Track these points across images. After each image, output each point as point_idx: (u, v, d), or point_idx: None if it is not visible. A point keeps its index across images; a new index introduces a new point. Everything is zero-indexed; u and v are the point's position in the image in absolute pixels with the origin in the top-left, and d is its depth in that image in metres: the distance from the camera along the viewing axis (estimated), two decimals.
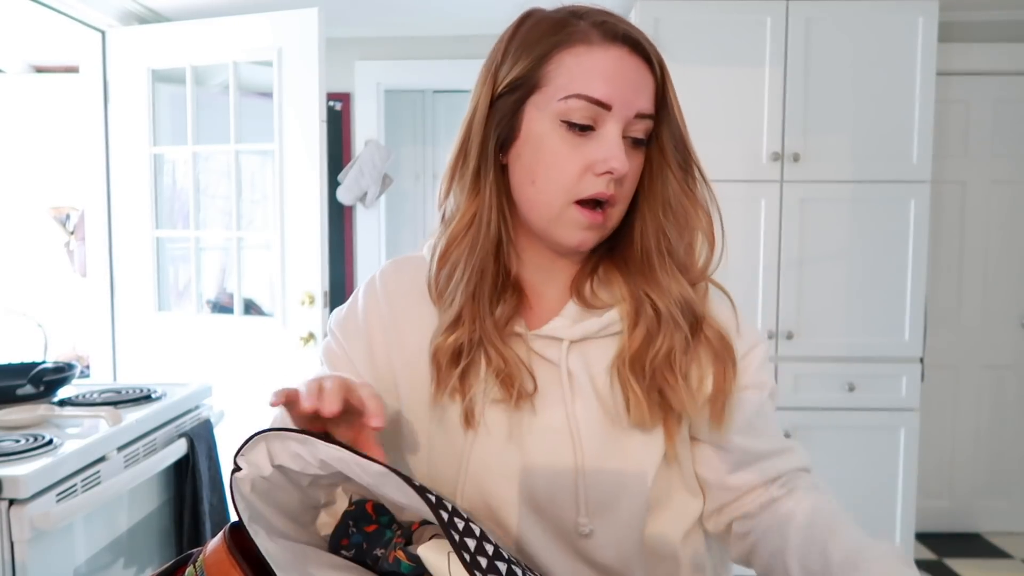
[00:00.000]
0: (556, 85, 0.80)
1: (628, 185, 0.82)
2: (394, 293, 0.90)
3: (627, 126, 0.80)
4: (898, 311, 2.69)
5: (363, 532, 0.73)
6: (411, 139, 4.37)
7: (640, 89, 0.80)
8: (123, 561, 1.69)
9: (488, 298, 0.84)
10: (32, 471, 1.39)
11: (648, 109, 0.81)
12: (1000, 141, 3.19)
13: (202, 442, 1.93)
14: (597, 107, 0.79)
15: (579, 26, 0.81)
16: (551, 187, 0.81)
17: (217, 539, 0.67)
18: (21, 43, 3.59)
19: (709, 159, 0.92)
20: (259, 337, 2.76)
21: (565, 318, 0.85)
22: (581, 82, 0.79)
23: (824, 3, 2.61)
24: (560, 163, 0.80)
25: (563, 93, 0.79)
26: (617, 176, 0.79)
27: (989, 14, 3.09)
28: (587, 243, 0.83)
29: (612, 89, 0.79)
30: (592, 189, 0.80)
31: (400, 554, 0.68)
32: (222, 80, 2.85)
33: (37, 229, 3.81)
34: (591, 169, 0.79)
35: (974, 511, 3.31)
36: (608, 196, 0.80)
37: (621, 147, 0.79)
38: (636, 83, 0.80)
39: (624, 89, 0.79)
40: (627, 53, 0.80)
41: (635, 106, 0.80)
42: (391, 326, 0.88)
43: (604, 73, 0.79)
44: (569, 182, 0.80)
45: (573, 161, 0.79)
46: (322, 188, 2.64)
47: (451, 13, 3.14)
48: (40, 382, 1.84)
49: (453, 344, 0.83)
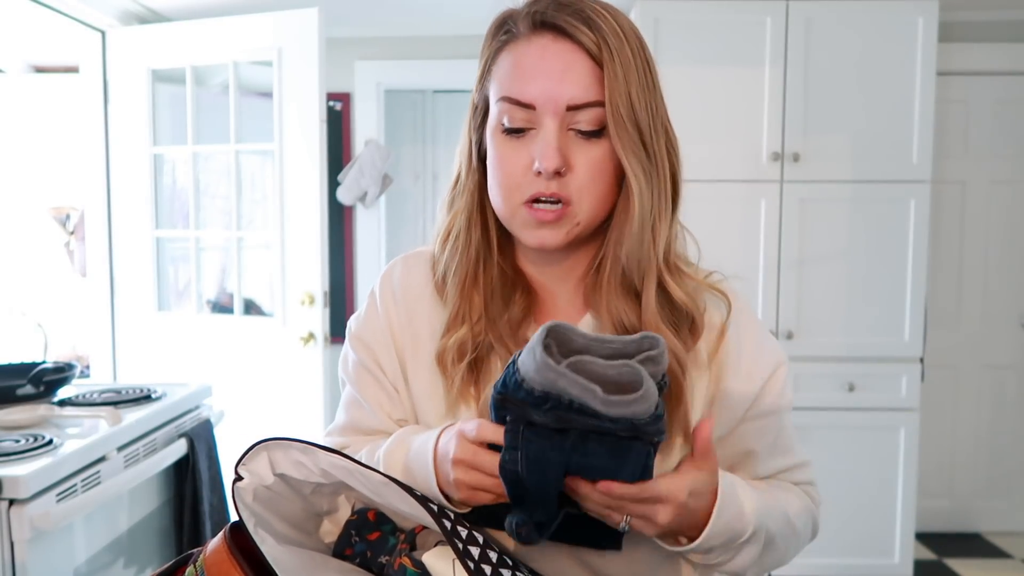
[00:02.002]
0: (495, 88, 0.80)
1: (581, 181, 0.77)
2: (408, 295, 0.89)
3: (566, 119, 0.76)
4: (898, 311, 2.69)
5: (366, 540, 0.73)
6: (411, 139, 4.37)
7: (566, 78, 0.75)
8: (123, 561, 1.69)
9: (499, 297, 0.83)
10: (32, 471, 1.39)
11: (582, 98, 0.75)
12: (1000, 141, 3.19)
13: (202, 442, 1.93)
14: (523, 108, 0.77)
15: (512, 23, 0.79)
16: (502, 191, 0.80)
17: (217, 539, 0.67)
18: (21, 43, 3.59)
19: (709, 159, 0.91)
20: (259, 337, 2.75)
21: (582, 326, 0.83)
22: (507, 84, 0.78)
23: (824, 3, 2.60)
24: (504, 166, 0.79)
25: (496, 95, 0.79)
26: (547, 174, 0.75)
27: (989, 14, 3.09)
28: (548, 242, 0.79)
29: (533, 86, 0.76)
30: (532, 189, 0.77)
31: (406, 560, 0.68)
32: (222, 80, 2.84)
33: (37, 229, 3.81)
34: (530, 169, 0.77)
35: (974, 511, 3.31)
36: (550, 195, 0.76)
37: (552, 143, 0.75)
38: (560, 73, 0.75)
39: (546, 83, 0.75)
40: (551, 40, 0.76)
41: (563, 98, 0.75)
42: (407, 324, 0.88)
43: (523, 70, 0.77)
44: (513, 184, 0.78)
45: (514, 163, 0.78)
46: (322, 188, 2.64)
47: (451, 13, 3.14)
48: (40, 382, 1.84)
49: (456, 343, 0.82)
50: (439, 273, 0.87)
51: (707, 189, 2.61)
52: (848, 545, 2.72)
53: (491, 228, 0.85)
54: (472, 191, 0.84)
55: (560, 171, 0.76)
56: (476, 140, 0.84)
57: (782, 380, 0.86)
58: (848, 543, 2.71)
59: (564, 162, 0.76)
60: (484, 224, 0.85)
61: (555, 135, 0.76)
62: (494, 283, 0.84)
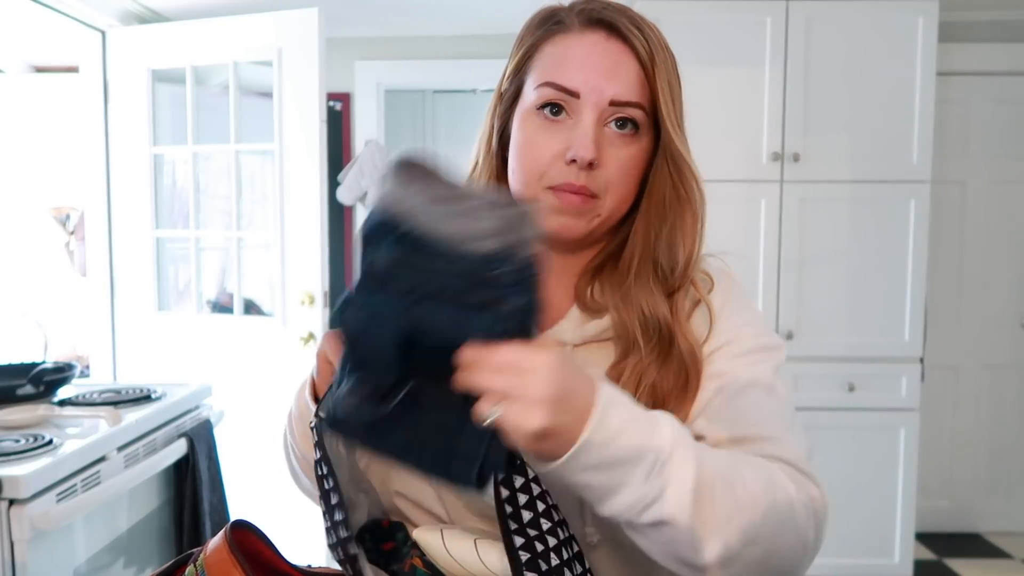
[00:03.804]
0: (535, 75, 0.81)
1: (609, 176, 0.78)
2: None
3: (605, 114, 0.78)
4: (898, 311, 2.69)
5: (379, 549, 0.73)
6: (411, 139, 4.37)
7: (614, 75, 0.77)
8: (123, 561, 1.69)
9: None
10: (32, 471, 1.39)
11: (625, 96, 0.78)
12: (1000, 141, 3.19)
13: (202, 442, 1.93)
14: (566, 95, 0.78)
15: (562, 16, 0.81)
16: (525, 173, 0.80)
17: (218, 538, 0.67)
18: (21, 43, 3.59)
19: (709, 159, 0.90)
20: (259, 337, 2.75)
21: (570, 321, 0.83)
22: (553, 70, 0.79)
23: (824, 3, 2.60)
24: (533, 149, 0.79)
25: (538, 81, 0.80)
26: (582, 164, 0.76)
27: (989, 14, 3.09)
28: (567, 230, 0.79)
29: (580, 76, 0.77)
30: (560, 178, 0.78)
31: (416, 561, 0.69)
32: (222, 80, 2.84)
33: (37, 229, 3.81)
34: (562, 156, 0.77)
35: (974, 511, 3.31)
36: (578, 187, 0.77)
37: (589, 135, 0.76)
38: (609, 69, 0.77)
39: (593, 75, 0.77)
40: (603, 38, 0.78)
41: (607, 93, 0.77)
42: None
43: (573, 60, 0.78)
44: (540, 168, 0.78)
45: (545, 148, 0.78)
46: (322, 188, 2.64)
47: (451, 13, 3.14)
48: (40, 382, 1.84)
49: None
50: None
51: (707, 189, 2.60)
52: (848, 545, 2.71)
53: None
54: (488, 178, 0.85)
55: (593, 163, 0.77)
56: (499, 127, 0.85)
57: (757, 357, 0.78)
58: (848, 543, 2.71)
59: (598, 155, 0.77)
60: None
61: (593, 127, 0.77)
62: None
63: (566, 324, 0.83)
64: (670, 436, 0.62)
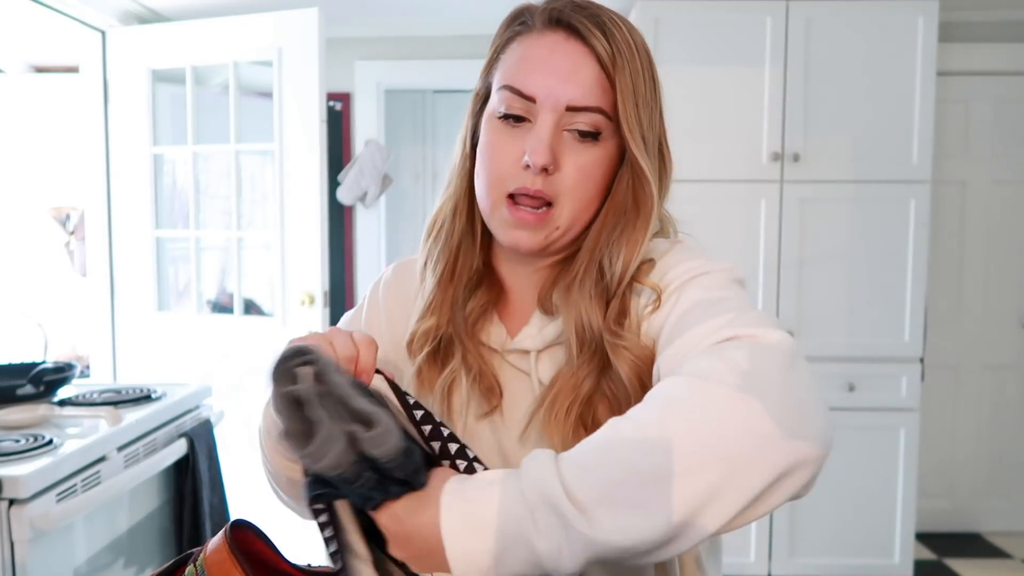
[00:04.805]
0: (499, 77, 0.80)
1: (570, 180, 0.76)
2: (393, 298, 0.91)
3: (564, 119, 0.75)
4: (898, 311, 2.69)
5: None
6: (411, 139, 4.37)
7: (571, 79, 0.75)
8: (123, 561, 1.69)
9: (462, 290, 0.83)
10: (32, 471, 1.39)
11: (582, 102, 0.75)
12: (1000, 141, 3.19)
13: (202, 442, 1.93)
14: (523, 99, 0.76)
15: (528, 16, 0.80)
16: (486, 180, 0.79)
17: (218, 538, 0.67)
18: (21, 43, 3.59)
19: (709, 159, 0.90)
20: (259, 337, 2.75)
21: (532, 327, 0.83)
22: (512, 73, 0.78)
23: (824, 3, 2.60)
24: (494, 155, 0.78)
25: (499, 84, 0.79)
26: (535, 168, 0.75)
27: (989, 14, 3.09)
28: (523, 243, 0.78)
29: (537, 79, 0.75)
30: (517, 182, 0.76)
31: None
32: (222, 80, 2.84)
33: (37, 229, 3.81)
34: (519, 161, 0.76)
35: (974, 511, 3.31)
36: (534, 192, 0.75)
37: (544, 140, 0.74)
38: (568, 73, 0.75)
39: (550, 79, 0.75)
40: (563, 39, 0.76)
41: (564, 97, 0.75)
42: (387, 331, 0.89)
43: (531, 62, 0.76)
44: (500, 174, 0.77)
45: (505, 153, 0.77)
46: (322, 188, 2.64)
47: (451, 13, 3.14)
48: (40, 382, 1.84)
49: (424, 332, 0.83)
50: (420, 263, 0.87)
51: (707, 189, 2.62)
52: (848, 545, 2.72)
53: (476, 217, 0.84)
54: (463, 178, 0.84)
55: (548, 168, 0.75)
56: (472, 127, 0.84)
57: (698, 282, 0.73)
58: (848, 543, 2.71)
59: (553, 160, 0.75)
60: (470, 212, 0.84)
61: (549, 132, 0.75)
62: (467, 275, 0.84)
63: (528, 330, 0.83)
64: (521, 492, 0.57)
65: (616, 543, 0.55)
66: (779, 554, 2.71)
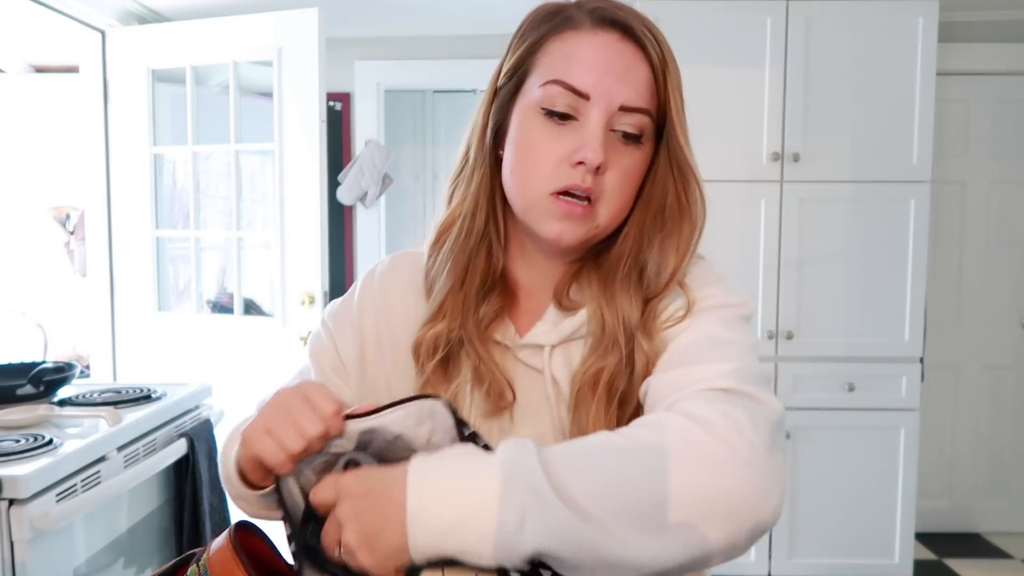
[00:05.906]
0: (541, 72, 0.78)
1: (614, 181, 0.77)
2: (390, 288, 0.89)
3: (613, 118, 0.76)
4: (898, 311, 2.69)
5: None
6: (411, 139, 4.38)
7: (626, 79, 0.75)
8: (123, 561, 1.69)
9: (475, 295, 0.82)
10: (32, 471, 1.39)
11: (635, 103, 0.76)
12: (1000, 141, 3.19)
13: (202, 442, 1.93)
14: (575, 96, 0.75)
15: (572, 12, 0.79)
16: (529, 176, 0.78)
17: (222, 538, 0.67)
18: (21, 43, 3.59)
19: (709, 159, 0.90)
20: (259, 337, 2.75)
21: (546, 323, 0.82)
22: (562, 68, 0.76)
23: (824, 3, 2.60)
24: (538, 152, 0.77)
25: (544, 79, 0.77)
26: (590, 167, 0.75)
27: (989, 14, 3.09)
28: (567, 236, 0.78)
29: (591, 77, 0.75)
30: (566, 180, 0.76)
31: None
32: (222, 80, 2.85)
33: (37, 229, 3.81)
34: (567, 159, 0.76)
35: (974, 511, 3.31)
36: (584, 189, 0.76)
37: (598, 138, 0.74)
38: (622, 72, 0.75)
39: (605, 78, 0.75)
40: (617, 39, 0.76)
41: (618, 97, 0.75)
42: (384, 321, 0.87)
43: (585, 59, 0.75)
44: (545, 171, 0.77)
45: (550, 150, 0.76)
46: (322, 188, 2.64)
47: (451, 13, 3.14)
48: (40, 382, 1.84)
49: (433, 337, 0.81)
50: (430, 266, 0.86)
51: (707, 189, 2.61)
52: (848, 545, 2.72)
53: (499, 216, 0.83)
54: (482, 176, 0.83)
55: (601, 167, 0.76)
56: (494, 123, 0.82)
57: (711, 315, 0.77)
58: (848, 543, 2.72)
59: (606, 159, 0.76)
60: (493, 210, 0.83)
61: (602, 130, 0.75)
62: (480, 278, 0.83)
63: (541, 327, 0.82)
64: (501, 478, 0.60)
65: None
66: (779, 554, 2.71)
